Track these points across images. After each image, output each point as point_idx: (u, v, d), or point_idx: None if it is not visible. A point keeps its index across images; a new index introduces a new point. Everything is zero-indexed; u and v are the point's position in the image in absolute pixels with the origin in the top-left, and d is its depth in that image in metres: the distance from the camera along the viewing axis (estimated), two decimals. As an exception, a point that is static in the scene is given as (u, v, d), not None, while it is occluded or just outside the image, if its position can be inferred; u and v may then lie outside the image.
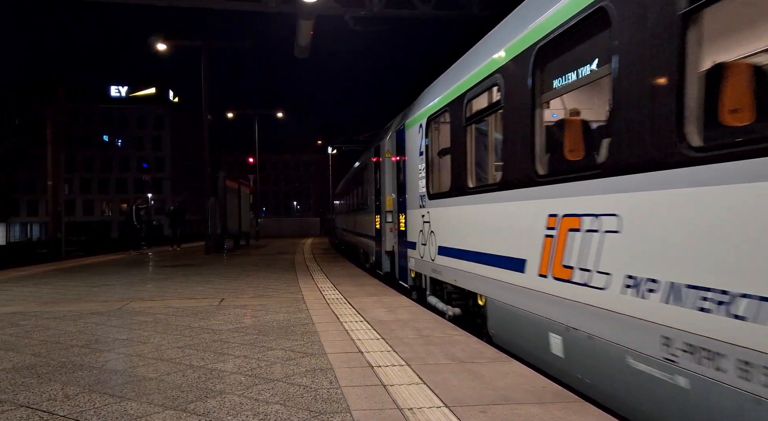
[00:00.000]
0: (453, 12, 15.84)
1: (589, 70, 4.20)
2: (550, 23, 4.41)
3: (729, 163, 2.69)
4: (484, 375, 4.15)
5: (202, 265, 15.83)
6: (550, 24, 4.39)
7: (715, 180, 2.78)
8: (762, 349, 2.47)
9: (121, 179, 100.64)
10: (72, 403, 3.68)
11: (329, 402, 3.59)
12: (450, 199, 7.20)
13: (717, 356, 2.72)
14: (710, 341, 2.76)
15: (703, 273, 2.84)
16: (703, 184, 2.85)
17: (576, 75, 4.36)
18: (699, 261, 2.88)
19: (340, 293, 9.04)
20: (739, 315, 2.59)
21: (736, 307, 2.62)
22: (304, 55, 17.13)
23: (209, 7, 15.46)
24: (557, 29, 4.30)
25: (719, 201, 2.75)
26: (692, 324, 2.88)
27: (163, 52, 22.83)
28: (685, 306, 2.92)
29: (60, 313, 7.46)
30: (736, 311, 2.61)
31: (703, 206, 2.87)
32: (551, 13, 4.40)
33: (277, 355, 4.92)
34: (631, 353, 3.37)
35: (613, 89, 3.61)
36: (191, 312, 7.33)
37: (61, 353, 5.12)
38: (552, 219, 4.39)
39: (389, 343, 5.29)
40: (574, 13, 4.03)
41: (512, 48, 5.16)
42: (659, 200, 3.17)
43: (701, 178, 2.86)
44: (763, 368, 2.47)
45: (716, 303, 2.72)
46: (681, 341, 2.95)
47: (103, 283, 11.25)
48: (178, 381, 4.15)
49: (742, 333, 2.58)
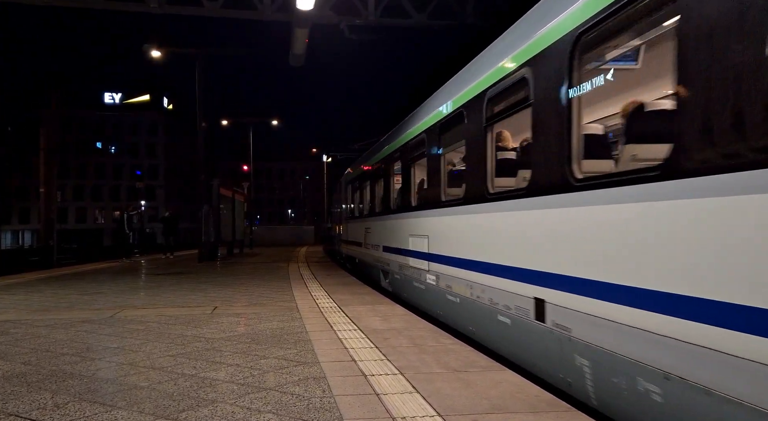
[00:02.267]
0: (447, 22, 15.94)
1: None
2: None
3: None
4: (477, 384, 4.14)
5: (195, 273, 15.76)
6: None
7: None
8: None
9: (114, 187, 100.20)
10: (62, 412, 3.64)
11: (322, 411, 3.58)
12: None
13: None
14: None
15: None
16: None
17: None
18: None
19: (334, 301, 9.02)
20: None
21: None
22: (299, 63, 17.17)
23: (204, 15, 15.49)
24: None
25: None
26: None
27: (158, 60, 22.83)
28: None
29: (51, 321, 7.40)
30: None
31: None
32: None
33: (270, 363, 4.89)
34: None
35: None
36: (184, 320, 7.29)
37: (52, 362, 5.08)
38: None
39: (383, 352, 5.28)
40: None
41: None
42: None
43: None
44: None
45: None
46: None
47: (95, 291, 11.17)
48: (169, 390, 4.12)
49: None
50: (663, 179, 3.08)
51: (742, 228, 2.58)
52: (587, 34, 3.89)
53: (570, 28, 4.07)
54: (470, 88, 6.31)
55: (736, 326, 2.61)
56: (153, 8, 14.96)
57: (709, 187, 2.78)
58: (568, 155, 4.06)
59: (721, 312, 2.69)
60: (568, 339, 4.01)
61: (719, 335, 2.70)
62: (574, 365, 3.94)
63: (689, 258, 2.90)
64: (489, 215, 5.68)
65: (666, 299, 3.04)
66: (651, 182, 3.17)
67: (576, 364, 3.92)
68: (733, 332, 2.63)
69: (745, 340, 2.55)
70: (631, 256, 3.34)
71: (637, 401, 3.29)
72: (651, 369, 3.15)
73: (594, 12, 3.75)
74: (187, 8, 15.26)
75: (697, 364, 2.82)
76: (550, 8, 4.53)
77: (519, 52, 5.04)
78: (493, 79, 5.68)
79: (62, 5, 15.56)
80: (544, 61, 4.50)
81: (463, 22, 15.76)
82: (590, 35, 3.88)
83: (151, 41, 22.19)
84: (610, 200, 3.53)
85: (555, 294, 4.21)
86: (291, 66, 17.58)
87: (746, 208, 2.56)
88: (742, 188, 2.59)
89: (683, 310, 2.92)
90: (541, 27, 4.60)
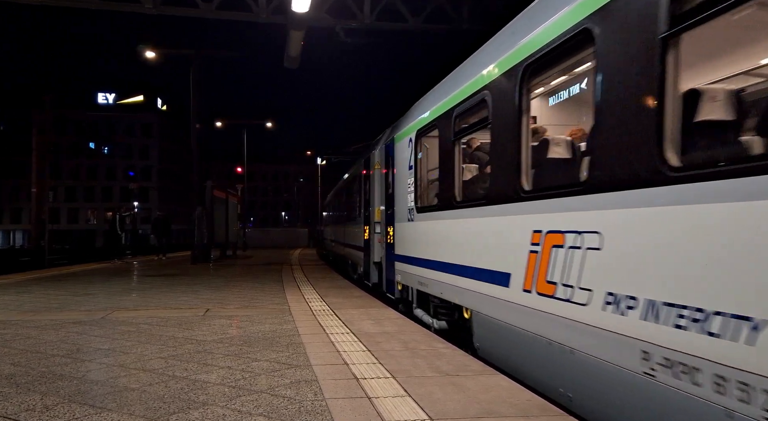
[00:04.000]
0: (443, 26, 16.00)
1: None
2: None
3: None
4: (469, 388, 4.14)
5: (187, 275, 15.70)
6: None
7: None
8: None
9: (107, 188, 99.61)
10: (51, 413, 3.62)
11: (313, 414, 3.57)
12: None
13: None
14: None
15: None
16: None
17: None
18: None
19: (326, 304, 9.00)
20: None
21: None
22: (294, 65, 17.17)
23: (200, 17, 15.48)
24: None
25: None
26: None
27: (153, 60, 22.78)
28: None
29: (41, 322, 7.35)
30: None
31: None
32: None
33: (261, 366, 4.87)
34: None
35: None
36: (175, 322, 7.26)
37: (42, 363, 5.04)
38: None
39: (375, 355, 5.27)
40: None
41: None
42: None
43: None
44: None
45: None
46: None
47: (87, 292, 11.11)
48: (160, 392, 4.09)
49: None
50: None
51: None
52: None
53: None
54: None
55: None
56: (148, 9, 14.94)
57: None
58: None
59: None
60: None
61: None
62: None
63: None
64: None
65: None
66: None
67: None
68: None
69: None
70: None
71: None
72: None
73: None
74: (182, 9, 15.26)
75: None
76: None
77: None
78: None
79: (57, 5, 15.51)
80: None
81: (459, 27, 15.83)
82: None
83: (146, 42, 22.17)
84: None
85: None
86: (286, 68, 17.59)
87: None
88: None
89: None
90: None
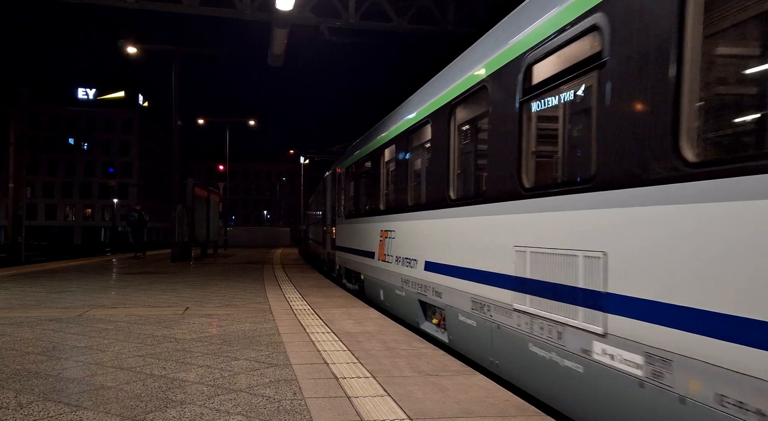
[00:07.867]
0: (428, 27, 16.05)
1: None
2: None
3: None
4: (448, 388, 4.17)
5: (167, 273, 15.55)
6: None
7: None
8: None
9: (85, 183, 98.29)
10: (25, 411, 3.56)
11: (292, 413, 3.56)
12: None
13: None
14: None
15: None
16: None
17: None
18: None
19: (307, 303, 8.98)
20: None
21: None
22: (278, 63, 17.10)
23: (182, 12, 15.33)
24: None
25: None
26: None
27: (134, 56, 22.50)
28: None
29: (17, 319, 7.23)
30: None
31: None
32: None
33: (241, 365, 4.85)
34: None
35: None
36: (154, 320, 7.19)
37: (16, 360, 4.96)
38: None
39: (355, 355, 5.28)
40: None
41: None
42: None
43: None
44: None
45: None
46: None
47: (64, 289, 10.95)
48: (137, 391, 4.06)
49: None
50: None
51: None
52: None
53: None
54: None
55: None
56: (130, 3, 14.77)
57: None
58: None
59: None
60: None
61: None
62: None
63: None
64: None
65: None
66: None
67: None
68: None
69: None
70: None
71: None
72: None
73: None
74: (165, 4, 15.08)
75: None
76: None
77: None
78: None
79: (37, -3, 15.24)
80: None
81: (444, 28, 15.89)
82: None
83: (127, 37, 21.84)
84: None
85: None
86: (270, 66, 17.51)
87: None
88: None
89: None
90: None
